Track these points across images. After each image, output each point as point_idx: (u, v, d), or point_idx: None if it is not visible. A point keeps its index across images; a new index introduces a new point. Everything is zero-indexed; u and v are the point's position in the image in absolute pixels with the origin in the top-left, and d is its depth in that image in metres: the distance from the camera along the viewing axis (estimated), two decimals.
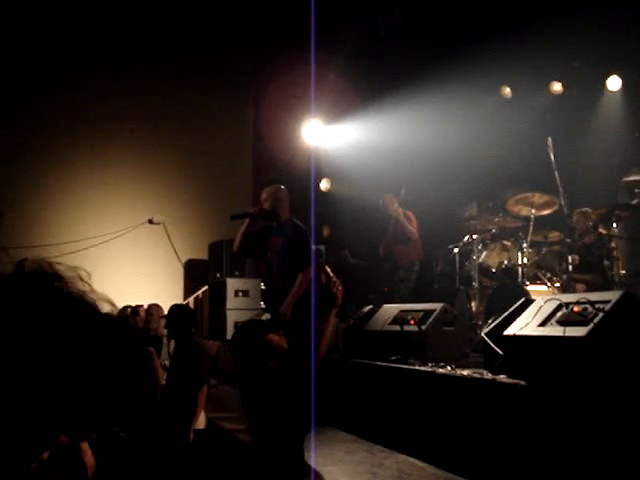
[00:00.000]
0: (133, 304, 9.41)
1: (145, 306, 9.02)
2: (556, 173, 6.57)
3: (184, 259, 12.58)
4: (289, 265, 5.47)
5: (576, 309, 3.87)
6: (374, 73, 9.93)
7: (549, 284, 6.74)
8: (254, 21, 12.74)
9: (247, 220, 5.93)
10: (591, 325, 3.65)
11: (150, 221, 12.44)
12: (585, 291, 6.20)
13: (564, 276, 6.66)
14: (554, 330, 3.88)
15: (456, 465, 4.19)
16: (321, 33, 8.76)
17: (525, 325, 4.12)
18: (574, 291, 6.43)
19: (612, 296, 3.81)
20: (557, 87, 9.24)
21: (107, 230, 11.97)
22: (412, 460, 4.50)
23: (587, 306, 3.83)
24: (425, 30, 9.46)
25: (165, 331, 8.41)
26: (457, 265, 7.76)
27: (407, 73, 9.13)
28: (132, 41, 12.07)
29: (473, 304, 7.19)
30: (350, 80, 10.12)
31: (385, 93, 9.30)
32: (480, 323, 6.60)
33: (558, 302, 4.08)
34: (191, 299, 11.93)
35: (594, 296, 3.96)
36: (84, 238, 11.73)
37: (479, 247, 7.46)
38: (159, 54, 12.25)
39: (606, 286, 6.48)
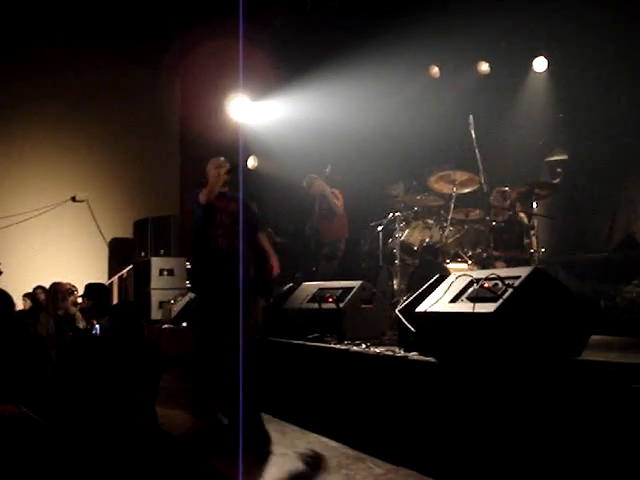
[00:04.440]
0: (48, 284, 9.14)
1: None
2: (477, 151, 6.56)
3: (108, 237, 12.31)
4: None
5: (486, 285, 3.83)
6: (302, 49, 9.79)
7: (469, 262, 6.75)
8: None
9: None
10: (500, 301, 3.61)
11: (73, 198, 12.12)
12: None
13: (484, 254, 6.68)
14: (464, 306, 3.84)
15: (368, 444, 4.13)
16: (249, 8, 8.56)
17: (436, 302, 4.08)
18: (494, 268, 6.44)
19: (522, 272, 3.78)
20: (484, 67, 9.23)
21: (28, 208, 11.63)
22: (324, 440, 4.43)
23: (497, 282, 3.79)
24: (353, 6, 9.34)
25: (75, 309, 8.17)
26: (380, 243, 7.72)
27: (335, 50, 9.00)
28: (56, 18, 11.68)
29: (395, 282, 7.15)
30: (277, 56, 9.97)
31: (312, 70, 9.17)
32: (401, 301, 6.56)
33: (470, 278, 4.04)
34: (115, 278, 11.65)
35: (505, 272, 3.93)
36: (4, 216, 11.35)
37: (402, 225, 7.43)
38: (83, 30, 11.87)
39: (525, 264, 6.51)
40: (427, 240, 7.19)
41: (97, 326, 6.97)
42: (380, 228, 7.82)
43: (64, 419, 4.79)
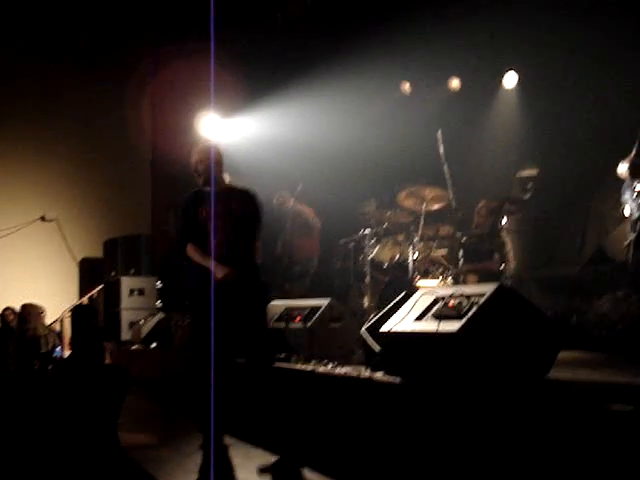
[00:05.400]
0: (20, 305, 8.98)
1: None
2: (445, 166, 6.52)
3: (79, 257, 12.11)
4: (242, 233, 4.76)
5: (451, 303, 3.75)
6: (272, 66, 9.74)
7: (440, 278, 6.69)
8: (152, 13, 12.33)
9: None
10: (464, 319, 3.53)
11: (42, 218, 11.92)
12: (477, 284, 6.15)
13: (454, 270, 6.62)
14: (428, 325, 3.75)
15: (334, 468, 4.01)
16: (218, 26, 8.49)
17: (401, 320, 3.99)
18: (466, 284, 6.39)
19: (487, 289, 3.70)
20: (455, 83, 9.25)
21: None
22: None
23: (462, 300, 3.71)
24: (323, 23, 9.33)
25: (43, 331, 8.02)
26: (352, 260, 7.65)
27: (305, 66, 8.97)
28: (25, 35, 11.55)
29: (365, 299, 7.07)
30: (247, 73, 9.90)
31: (283, 86, 9.12)
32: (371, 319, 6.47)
33: (435, 296, 3.96)
34: (85, 299, 11.45)
35: (470, 289, 3.85)
36: None
37: (372, 242, 7.36)
38: (52, 48, 11.74)
39: (496, 279, 6.45)
40: (397, 257, 7.13)
41: (58, 349, 6.84)
42: (351, 245, 7.75)
43: (20, 440, 4.67)
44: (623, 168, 5.33)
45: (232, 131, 10.43)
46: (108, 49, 12.07)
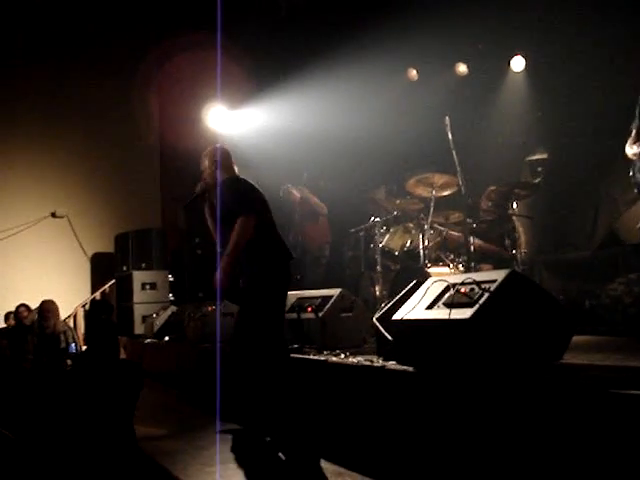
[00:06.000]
0: (34, 302, 9.04)
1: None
2: (454, 152, 6.46)
3: (90, 252, 12.16)
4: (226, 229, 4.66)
5: (462, 290, 3.72)
6: (278, 56, 9.71)
7: (451, 265, 6.66)
8: (159, 5, 12.32)
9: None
10: (476, 306, 3.50)
11: (53, 214, 11.98)
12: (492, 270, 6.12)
13: (465, 257, 6.58)
14: (440, 313, 3.72)
15: (347, 458, 4.01)
16: (224, 17, 8.47)
17: (412, 308, 3.97)
18: (478, 271, 6.36)
19: (498, 275, 3.68)
20: (462, 68, 9.19)
21: (8, 225, 11.49)
22: None
23: (474, 287, 3.69)
24: (329, 11, 9.27)
25: (62, 328, 8.08)
26: (362, 249, 7.64)
27: (311, 56, 8.94)
28: (34, 29, 11.56)
29: (377, 288, 7.05)
30: (253, 64, 9.87)
31: (289, 76, 9.10)
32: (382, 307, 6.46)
33: (446, 284, 3.93)
34: (98, 293, 11.51)
35: (481, 276, 3.83)
36: None
37: (382, 230, 7.33)
38: (59, 45, 11.75)
39: (508, 265, 6.42)
40: (407, 244, 7.10)
41: (73, 345, 6.87)
42: (362, 234, 7.74)
43: (37, 436, 4.70)
44: (632, 150, 5.25)
45: (239, 122, 10.41)
46: (115, 43, 12.09)
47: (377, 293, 7.02)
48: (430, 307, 3.87)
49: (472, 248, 6.50)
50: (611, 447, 2.64)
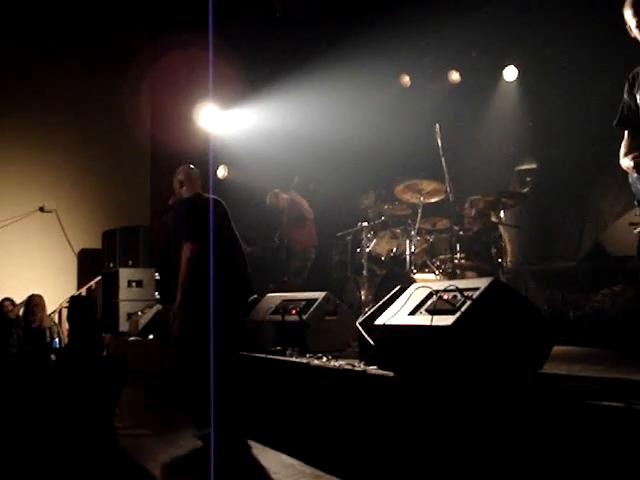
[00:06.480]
0: (19, 296, 9.02)
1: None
2: (443, 160, 6.48)
3: (77, 248, 12.11)
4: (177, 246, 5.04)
5: (445, 297, 3.74)
6: (271, 57, 9.72)
7: (437, 272, 6.67)
8: (150, 4, 12.30)
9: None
10: (458, 314, 3.52)
11: (41, 209, 11.92)
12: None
13: (451, 264, 6.60)
14: (422, 319, 3.74)
15: (326, 461, 4.01)
16: (217, 17, 8.45)
17: (395, 314, 3.98)
18: (463, 278, 6.38)
19: (481, 283, 3.69)
20: (455, 76, 9.21)
21: None
22: (283, 457, 4.31)
23: (456, 294, 3.70)
24: (322, 15, 9.28)
25: (48, 323, 8.05)
26: (349, 253, 7.65)
27: (305, 59, 8.95)
28: (24, 24, 11.51)
29: (362, 292, 7.06)
30: (247, 64, 9.87)
31: (282, 78, 9.10)
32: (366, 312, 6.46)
33: (429, 290, 3.94)
34: (84, 290, 11.46)
35: (464, 283, 3.85)
36: None
37: (369, 235, 7.35)
38: (50, 39, 11.71)
39: (493, 274, 6.44)
40: (394, 250, 7.12)
41: (56, 340, 6.85)
42: (349, 238, 7.75)
43: (17, 429, 4.69)
44: (626, 163, 5.26)
45: (231, 122, 10.41)
46: (106, 39, 12.04)
47: (362, 297, 7.03)
48: (413, 313, 3.89)
49: (457, 255, 6.54)
50: (586, 457, 2.65)
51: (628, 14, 4.02)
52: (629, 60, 4.38)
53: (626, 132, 4.24)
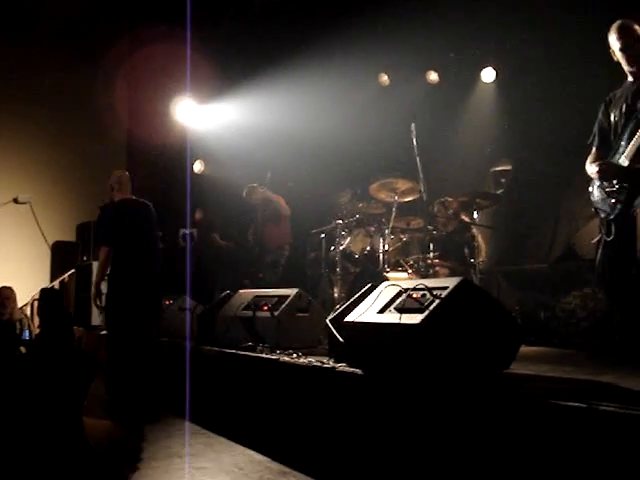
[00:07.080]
0: None
1: None
2: (418, 159, 6.50)
3: (51, 241, 11.98)
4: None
5: (414, 296, 3.74)
6: (249, 53, 9.67)
7: (410, 271, 6.69)
8: None
9: None
10: (427, 312, 3.52)
11: (15, 200, 11.78)
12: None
13: (424, 263, 6.62)
14: (391, 317, 3.74)
15: (293, 458, 4.02)
16: (195, 11, 8.43)
17: (365, 311, 3.98)
18: (436, 277, 6.42)
19: (450, 283, 3.70)
20: (433, 76, 9.25)
21: None
22: (250, 452, 4.30)
23: (425, 293, 3.71)
24: (301, 12, 9.27)
25: (18, 315, 7.97)
26: (323, 250, 7.65)
27: (283, 55, 8.92)
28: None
29: (335, 290, 7.07)
30: (224, 60, 9.83)
31: (260, 74, 9.07)
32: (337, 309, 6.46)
33: (398, 289, 3.95)
34: (57, 282, 11.35)
35: (433, 282, 3.85)
36: None
37: (343, 233, 7.35)
38: (25, 30, 11.57)
39: (466, 274, 6.47)
40: (368, 248, 7.13)
41: (26, 332, 6.80)
42: (322, 235, 7.75)
43: None
44: (590, 169, 5.32)
45: (208, 117, 10.37)
46: (83, 33, 11.92)
47: (335, 295, 7.04)
48: (382, 311, 3.89)
49: (430, 255, 6.57)
50: (548, 457, 2.67)
51: (612, 38, 4.23)
52: (611, 78, 4.50)
53: (594, 148, 4.44)
